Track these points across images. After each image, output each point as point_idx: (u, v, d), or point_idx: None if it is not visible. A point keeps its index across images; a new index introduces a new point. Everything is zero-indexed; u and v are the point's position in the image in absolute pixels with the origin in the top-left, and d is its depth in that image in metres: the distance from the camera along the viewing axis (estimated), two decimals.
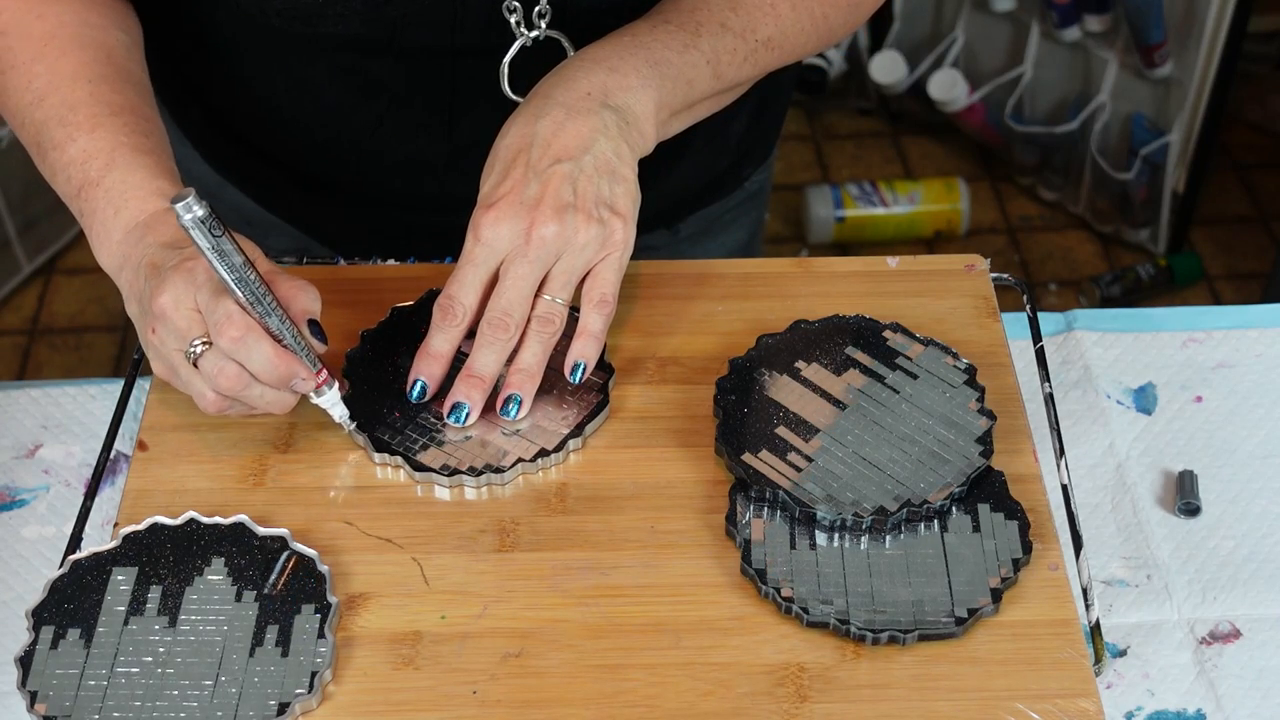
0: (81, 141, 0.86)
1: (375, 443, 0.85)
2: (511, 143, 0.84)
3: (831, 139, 2.63)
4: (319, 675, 0.75)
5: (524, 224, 0.81)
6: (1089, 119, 2.30)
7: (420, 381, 0.86)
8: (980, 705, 0.75)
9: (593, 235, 0.82)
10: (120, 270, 0.84)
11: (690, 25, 0.88)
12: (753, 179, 1.16)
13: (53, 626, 0.77)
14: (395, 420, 0.86)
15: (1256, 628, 0.86)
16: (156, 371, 0.84)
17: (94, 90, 0.87)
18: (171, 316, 0.79)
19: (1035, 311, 0.97)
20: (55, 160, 0.87)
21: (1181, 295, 2.33)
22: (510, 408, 0.85)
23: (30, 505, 0.93)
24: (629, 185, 0.84)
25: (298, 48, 0.95)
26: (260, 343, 0.79)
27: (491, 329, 0.83)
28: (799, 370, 0.89)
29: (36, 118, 0.88)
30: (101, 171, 0.85)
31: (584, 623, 0.78)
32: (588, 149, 0.83)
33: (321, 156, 1.03)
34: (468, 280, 0.83)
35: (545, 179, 0.82)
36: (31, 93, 0.88)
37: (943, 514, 0.82)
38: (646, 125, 0.86)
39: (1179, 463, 0.94)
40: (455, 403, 0.85)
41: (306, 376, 0.81)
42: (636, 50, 0.86)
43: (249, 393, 0.81)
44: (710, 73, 0.88)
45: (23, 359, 2.25)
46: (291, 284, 0.82)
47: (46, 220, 2.33)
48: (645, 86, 0.85)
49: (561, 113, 0.83)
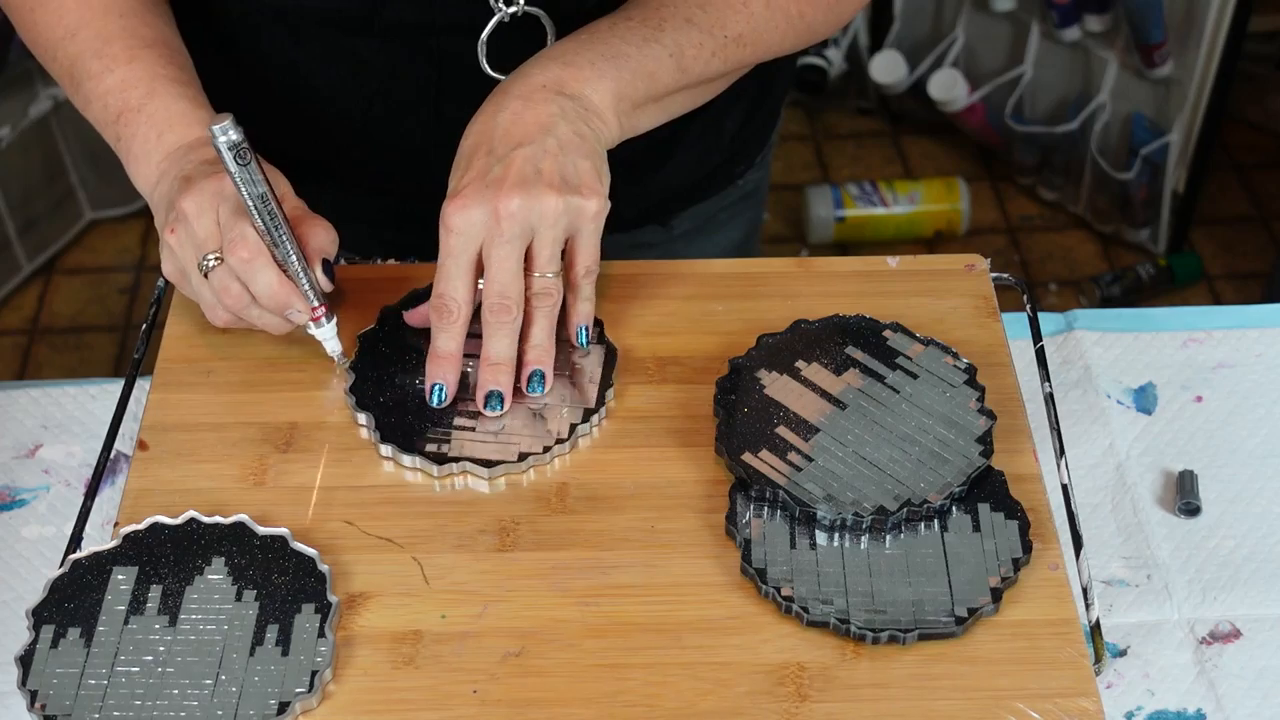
0: (120, 72, 0.90)
1: (407, 446, 0.86)
2: (473, 140, 0.85)
3: (831, 139, 2.63)
4: (319, 674, 0.75)
5: (490, 205, 0.82)
6: (1089, 119, 2.30)
7: (438, 386, 0.87)
8: (980, 705, 0.75)
9: (560, 207, 0.83)
10: (156, 185, 0.89)
11: (654, 20, 0.89)
12: (747, 178, 1.16)
13: (53, 626, 0.77)
14: (423, 426, 0.87)
15: (1256, 628, 0.86)
16: (165, 272, 0.88)
17: (126, 24, 0.91)
18: (192, 221, 0.84)
19: (1035, 311, 0.97)
20: (91, 90, 0.91)
21: (1181, 295, 2.33)
22: (535, 384, 0.87)
23: (30, 505, 0.93)
24: (594, 160, 0.85)
25: (284, 27, 0.97)
26: (266, 269, 0.83)
27: (495, 315, 0.84)
28: (799, 370, 0.89)
29: (70, 50, 0.91)
30: (143, 99, 0.89)
31: (584, 622, 0.78)
32: (548, 131, 0.84)
33: (312, 141, 1.04)
34: (452, 273, 0.84)
35: (507, 162, 0.83)
36: (63, 27, 0.92)
37: (943, 514, 0.82)
38: (606, 114, 0.87)
39: (1179, 463, 0.94)
40: (488, 392, 0.86)
41: (303, 309, 0.86)
42: (593, 44, 0.87)
43: (249, 312, 0.86)
44: (674, 65, 0.89)
45: (23, 359, 2.25)
46: (314, 222, 0.87)
47: (46, 220, 2.33)
48: (601, 78, 0.86)
49: (519, 104, 0.85)
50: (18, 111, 2.19)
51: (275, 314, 0.86)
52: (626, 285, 0.96)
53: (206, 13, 0.98)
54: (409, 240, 1.04)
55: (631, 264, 0.97)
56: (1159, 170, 2.27)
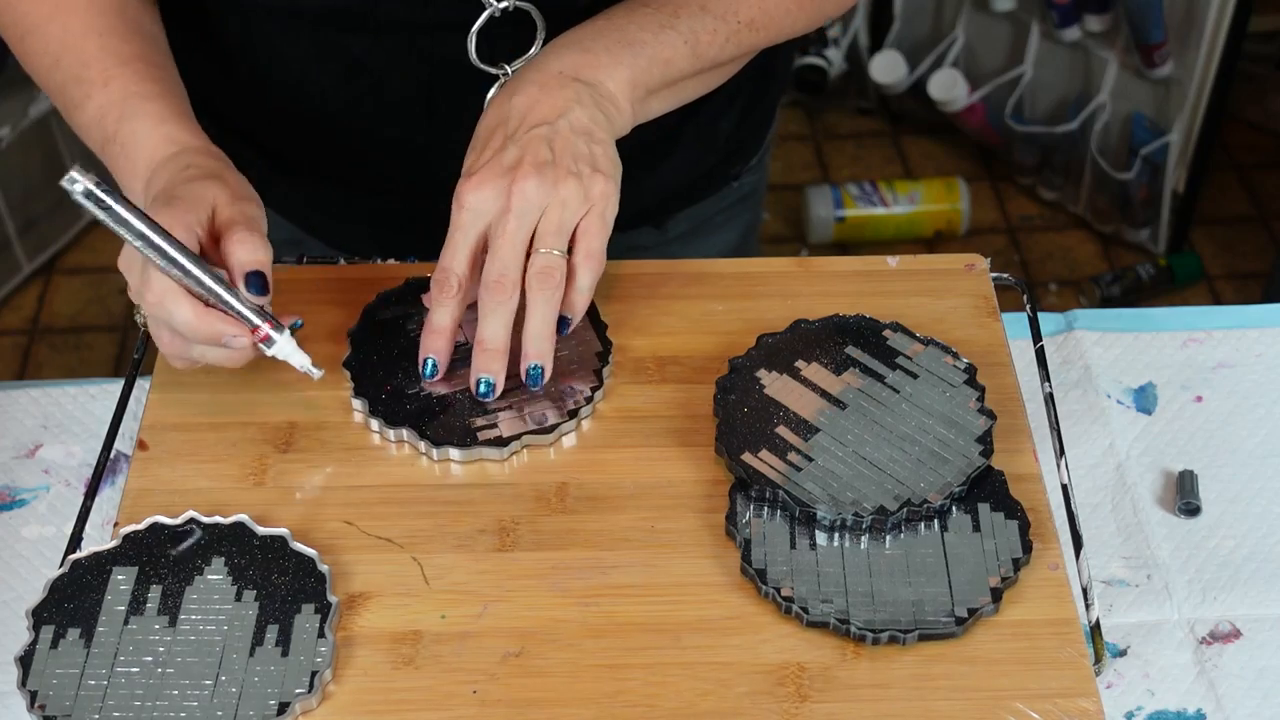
0: (97, 98, 0.88)
1: (426, 432, 0.86)
2: (488, 121, 0.86)
3: (831, 139, 2.63)
4: (319, 675, 0.75)
5: (504, 184, 0.82)
6: (1089, 119, 2.30)
7: (429, 359, 0.87)
8: (980, 705, 0.75)
9: (574, 190, 0.83)
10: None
11: (668, 8, 0.89)
12: (744, 180, 1.16)
13: (53, 626, 0.77)
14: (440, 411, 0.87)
15: (1256, 628, 0.86)
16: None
17: (103, 43, 0.89)
18: (126, 277, 0.82)
19: (1035, 311, 0.97)
20: (79, 121, 0.89)
21: (1181, 295, 2.33)
22: (533, 377, 0.86)
23: (30, 505, 0.93)
24: (607, 147, 0.86)
25: (279, 26, 0.96)
26: (178, 304, 0.79)
27: (490, 293, 0.84)
28: (799, 370, 0.89)
29: (57, 79, 0.90)
30: (116, 126, 0.87)
31: (584, 622, 0.78)
32: (563, 114, 0.84)
33: (307, 140, 1.04)
34: (458, 246, 0.84)
35: (523, 143, 0.83)
36: (49, 55, 0.90)
37: (943, 514, 0.82)
38: (621, 101, 0.87)
39: (1179, 463, 0.94)
40: (478, 378, 0.86)
41: (238, 332, 0.81)
42: (609, 31, 0.88)
43: (190, 353, 0.82)
44: (688, 52, 0.89)
45: (23, 359, 2.25)
46: (238, 236, 0.81)
47: (46, 220, 2.33)
48: (617, 64, 0.87)
49: (535, 89, 0.85)
50: (18, 111, 2.19)
51: (212, 345, 0.81)
52: (626, 285, 0.96)
53: (196, 11, 0.98)
54: (408, 240, 1.04)
55: (631, 264, 0.97)
56: (1159, 170, 2.27)
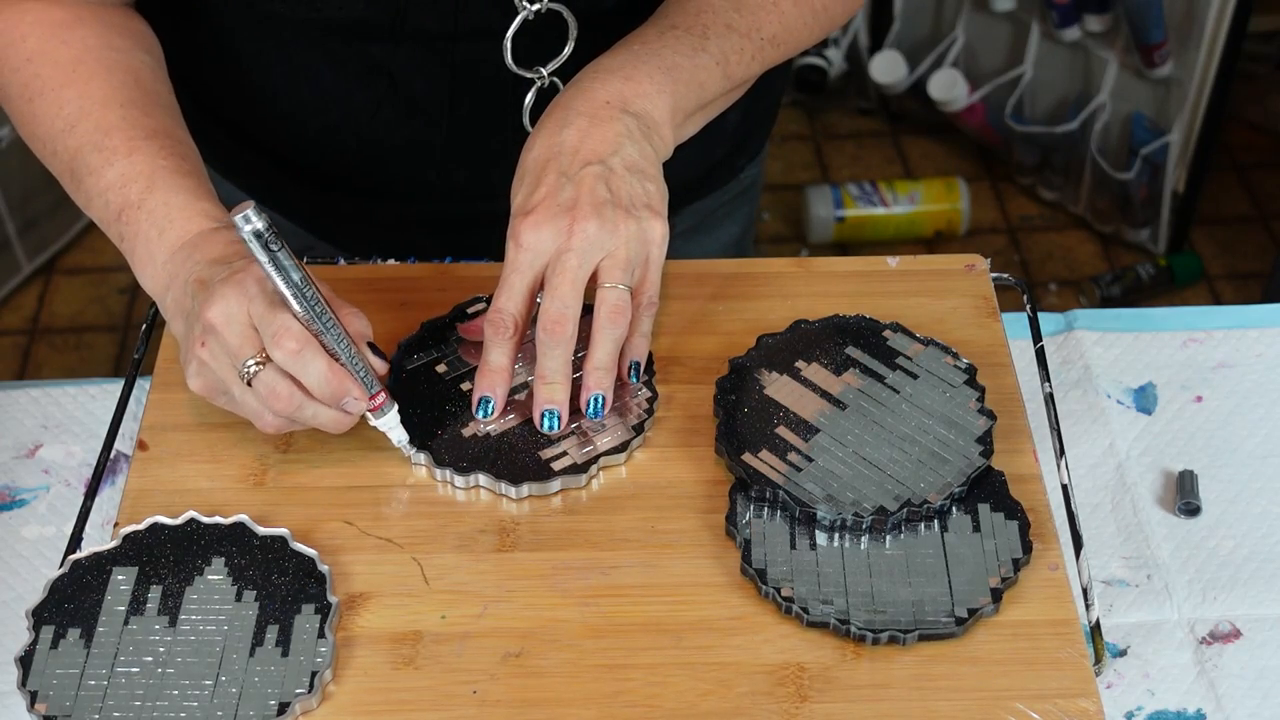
0: (119, 165, 0.86)
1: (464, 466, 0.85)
2: (539, 154, 0.84)
3: (831, 139, 2.63)
4: (319, 675, 0.75)
5: (564, 223, 0.82)
6: (1089, 119, 2.30)
7: (487, 398, 0.86)
8: (980, 705, 0.75)
9: (633, 230, 0.83)
10: (166, 290, 0.84)
11: (698, 29, 0.89)
12: (746, 171, 1.17)
13: (53, 626, 0.77)
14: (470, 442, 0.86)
15: (1256, 628, 0.86)
16: (196, 388, 0.82)
17: (126, 114, 0.87)
18: (222, 331, 0.78)
19: (1035, 311, 0.97)
20: (92, 186, 0.87)
21: (1181, 295, 2.33)
22: (594, 408, 0.85)
23: (30, 505, 0.93)
24: (658, 183, 0.85)
25: (296, 33, 0.95)
26: (316, 358, 0.78)
27: (549, 334, 0.82)
28: (799, 370, 0.89)
29: (70, 144, 0.88)
30: (142, 194, 0.85)
31: (584, 623, 0.78)
32: (615, 151, 0.84)
33: (319, 146, 1.03)
34: (515, 288, 0.83)
35: (578, 181, 0.82)
36: (62, 119, 0.88)
37: (943, 514, 0.82)
38: (665, 129, 0.87)
39: (1179, 463, 0.94)
40: (543, 410, 0.85)
41: (360, 396, 0.81)
42: (649, 58, 0.87)
43: (302, 412, 0.80)
44: (720, 74, 0.89)
45: (23, 359, 2.25)
46: (345, 309, 0.82)
47: (46, 220, 2.33)
48: (660, 93, 0.86)
49: (585, 121, 0.84)
50: None
51: (331, 404, 0.80)
52: None
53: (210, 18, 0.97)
54: (407, 240, 1.04)
55: None
56: (1159, 170, 2.27)
